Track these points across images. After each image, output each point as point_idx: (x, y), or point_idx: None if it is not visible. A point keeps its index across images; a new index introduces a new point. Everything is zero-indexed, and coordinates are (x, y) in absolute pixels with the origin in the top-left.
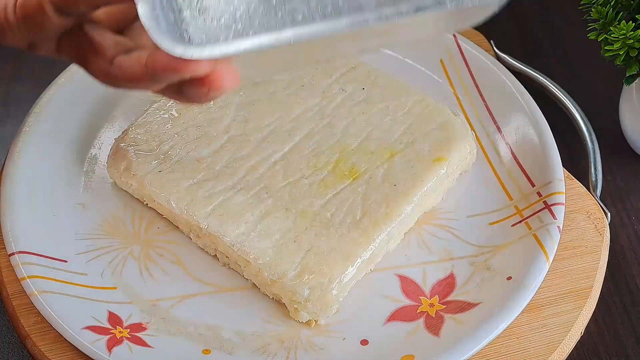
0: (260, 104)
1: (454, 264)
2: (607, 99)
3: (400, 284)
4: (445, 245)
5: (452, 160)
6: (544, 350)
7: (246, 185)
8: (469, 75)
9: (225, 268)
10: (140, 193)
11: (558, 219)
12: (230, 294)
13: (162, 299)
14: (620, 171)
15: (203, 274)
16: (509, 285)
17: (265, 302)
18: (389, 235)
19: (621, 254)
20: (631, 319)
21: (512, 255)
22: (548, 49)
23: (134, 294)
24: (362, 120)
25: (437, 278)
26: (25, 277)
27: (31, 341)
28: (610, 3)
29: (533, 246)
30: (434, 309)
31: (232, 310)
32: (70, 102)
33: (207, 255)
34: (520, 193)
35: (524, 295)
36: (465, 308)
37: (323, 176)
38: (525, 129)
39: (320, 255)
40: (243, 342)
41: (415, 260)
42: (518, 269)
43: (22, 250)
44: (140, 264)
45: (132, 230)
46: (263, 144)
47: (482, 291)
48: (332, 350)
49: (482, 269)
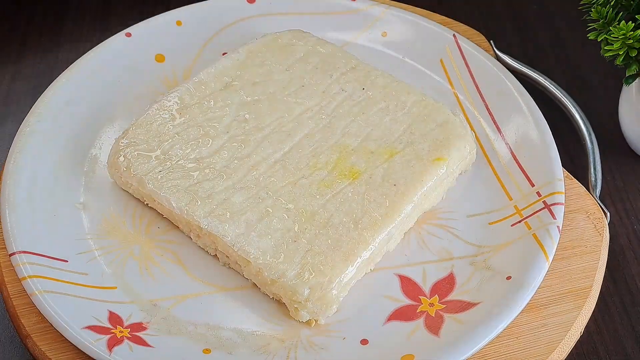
0: (260, 104)
1: (453, 263)
2: (607, 99)
3: (401, 284)
4: (445, 244)
5: (451, 160)
6: (544, 349)
7: (246, 185)
8: (468, 75)
9: (225, 268)
10: (140, 193)
11: (557, 218)
12: (231, 293)
13: (163, 298)
14: (619, 171)
15: (203, 274)
16: (508, 285)
17: (265, 302)
18: (388, 235)
19: (620, 253)
20: (631, 319)
21: (511, 254)
22: (548, 49)
23: (134, 293)
24: (362, 120)
25: (437, 278)
26: (26, 277)
27: (32, 341)
28: (610, 3)
29: (532, 246)
30: (433, 308)
31: (232, 309)
32: (70, 102)
33: (207, 255)
34: (519, 193)
35: (524, 295)
36: (465, 308)
37: (323, 176)
38: (525, 128)
39: (320, 255)
40: (243, 341)
41: (415, 260)
42: (518, 268)
43: (23, 250)
44: (141, 264)
45: (132, 230)
46: (263, 144)
47: (482, 291)
48: (332, 349)
49: (482, 268)
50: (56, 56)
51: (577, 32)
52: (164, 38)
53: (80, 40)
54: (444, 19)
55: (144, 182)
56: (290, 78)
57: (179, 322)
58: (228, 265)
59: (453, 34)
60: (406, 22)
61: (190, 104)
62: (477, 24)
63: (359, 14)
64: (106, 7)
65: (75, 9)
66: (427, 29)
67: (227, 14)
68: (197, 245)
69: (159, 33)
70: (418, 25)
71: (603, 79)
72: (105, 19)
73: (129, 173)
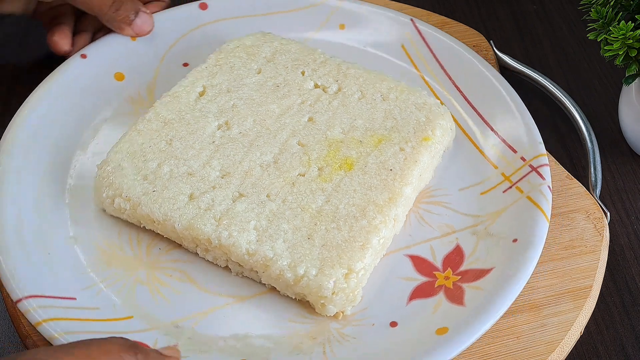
0: (238, 109)
1: (457, 236)
2: (607, 99)
3: (412, 263)
4: (444, 220)
5: (436, 138)
6: (544, 349)
7: (245, 191)
8: (432, 57)
9: (238, 278)
10: (135, 216)
11: (546, 179)
12: (250, 301)
13: (183, 318)
14: (619, 171)
15: (218, 287)
16: (516, 247)
17: (287, 304)
18: (395, 218)
19: (621, 253)
20: (631, 319)
21: (510, 219)
22: (548, 49)
23: (152, 319)
24: (343, 112)
25: (445, 252)
26: (41, 322)
27: (32, 341)
28: (609, 3)
29: (529, 207)
30: (450, 281)
31: (257, 317)
32: (37, 134)
33: (216, 267)
34: (504, 161)
35: (533, 254)
36: (480, 275)
37: (319, 172)
38: (497, 100)
39: (336, 247)
40: (276, 345)
41: (420, 238)
42: (521, 230)
43: (30, 295)
44: (151, 288)
45: (132, 256)
46: (251, 149)
47: (492, 257)
48: (365, 338)
49: (485, 236)
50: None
51: (577, 32)
52: (120, 56)
53: None
54: (443, 19)
55: (139, 204)
56: (263, 80)
57: (207, 338)
58: (242, 275)
59: (410, 19)
60: (362, 11)
61: (169, 118)
62: (477, 24)
63: (314, 9)
64: None
65: None
66: (384, 16)
67: (181, 24)
68: (204, 260)
69: (114, 51)
70: (374, 14)
71: (603, 79)
72: None
73: (120, 199)
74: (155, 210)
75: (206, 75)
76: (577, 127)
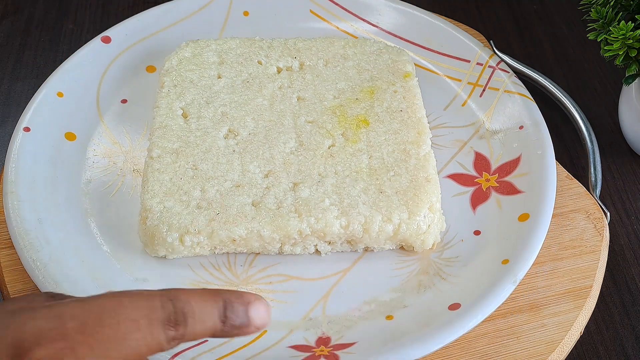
0: (230, 114)
1: (470, 145)
2: (607, 99)
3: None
4: (452, 136)
5: (413, 71)
6: (544, 349)
7: (297, 179)
8: (339, 9)
9: (329, 255)
10: (212, 244)
11: (510, 72)
12: (353, 270)
13: (309, 310)
14: (619, 171)
15: (319, 271)
16: (524, 132)
17: (382, 259)
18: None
19: (621, 253)
20: (631, 319)
21: (503, 114)
22: (548, 49)
23: (285, 324)
24: (321, 81)
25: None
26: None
27: None
28: (609, 3)
29: (515, 99)
30: (492, 180)
31: (368, 280)
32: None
33: (302, 257)
34: (463, 73)
35: (544, 133)
36: (514, 165)
37: (344, 137)
38: (429, 25)
39: (408, 190)
40: (403, 294)
41: (445, 159)
42: (520, 118)
43: None
44: None
45: (224, 283)
46: (271, 142)
47: (509, 147)
48: (464, 252)
49: (492, 135)
50: (55, 57)
51: (577, 32)
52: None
53: (80, 40)
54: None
55: (214, 231)
56: (230, 82)
57: (342, 316)
58: (334, 251)
59: None
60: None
61: (176, 148)
62: (477, 24)
63: (210, 7)
64: (105, 8)
65: (75, 9)
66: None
67: (92, 66)
68: (286, 255)
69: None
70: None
71: (603, 79)
72: (105, 19)
73: (190, 235)
74: (233, 229)
75: (175, 98)
76: (577, 127)
